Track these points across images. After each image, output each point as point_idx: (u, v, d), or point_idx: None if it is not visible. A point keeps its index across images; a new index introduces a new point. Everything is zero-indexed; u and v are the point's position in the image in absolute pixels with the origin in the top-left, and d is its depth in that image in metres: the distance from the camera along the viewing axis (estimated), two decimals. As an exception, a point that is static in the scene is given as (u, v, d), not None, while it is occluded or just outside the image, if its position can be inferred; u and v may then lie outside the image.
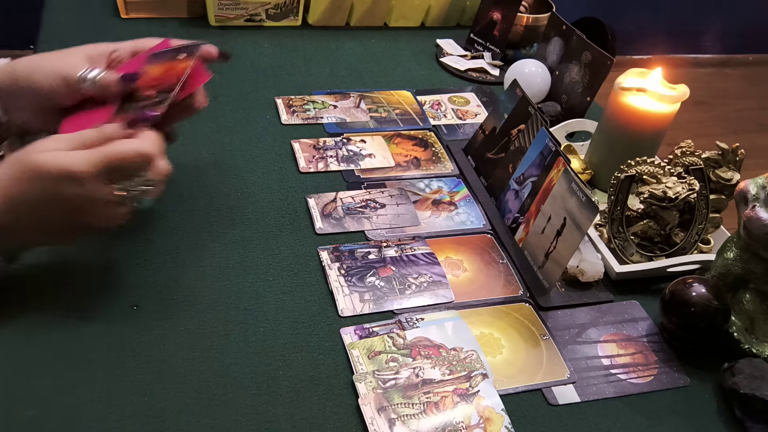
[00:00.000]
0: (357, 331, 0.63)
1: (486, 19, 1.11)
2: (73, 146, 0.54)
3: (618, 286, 0.73)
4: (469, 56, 1.13)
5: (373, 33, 1.17)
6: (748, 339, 0.66)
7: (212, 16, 1.08)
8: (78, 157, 0.53)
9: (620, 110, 0.82)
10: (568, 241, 0.66)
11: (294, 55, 1.07)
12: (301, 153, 0.85)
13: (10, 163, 0.54)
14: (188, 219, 0.73)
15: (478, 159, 0.86)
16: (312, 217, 0.76)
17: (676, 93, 0.80)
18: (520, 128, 0.80)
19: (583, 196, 0.65)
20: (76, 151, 0.54)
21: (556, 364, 0.63)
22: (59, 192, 0.53)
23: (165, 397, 0.55)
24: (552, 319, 0.68)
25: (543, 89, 1.00)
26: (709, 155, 0.77)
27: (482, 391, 0.59)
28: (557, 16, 1.02)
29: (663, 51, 3.05)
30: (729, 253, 0.67)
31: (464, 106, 1.01)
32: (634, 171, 0.75)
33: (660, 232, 0.75)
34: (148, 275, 0.65)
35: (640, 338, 0.68)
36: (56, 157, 0.53)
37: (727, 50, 3.23)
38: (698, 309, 0.62)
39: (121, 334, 0.59)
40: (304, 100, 0.95)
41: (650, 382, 0.64)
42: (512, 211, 0.77)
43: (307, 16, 1.15)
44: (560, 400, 0.61)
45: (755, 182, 0.64)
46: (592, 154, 0.88)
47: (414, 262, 0.71)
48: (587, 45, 0.93)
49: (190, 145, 0.83)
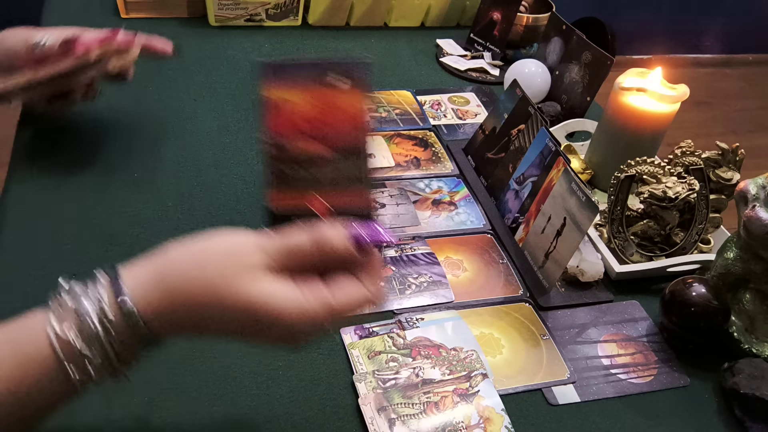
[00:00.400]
0: (357, 330, 0.63)
1: (486, 19, 1.11)
2: (281, 263, 0.43)
3: (618, 286, 0.73)
4: (469, 56, 1.13)
5: (373, 33, 1.17)
6: (748, 339, 0.66)
7: (212, 16, 1.08)
8: (305, 301, 0.42)
9: (620, 110, 0.82)
10: (568, 241, 0.66)
11: (294, 55, 1.07)
12: (301, 153, 0.85)
13: (189, 286, 0.41)
14: (188, 219, 0.73)
15: (478, 159, 0.86)
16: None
17: (676, 93, 0.80)
18: (520, 128, 0.80)
19: (583, 196, 0.65)
20: (290, 285, 0.42)
21: (556, 364, 0.63)
22: (267, 330, 0.42)
23: (165, 398, 0.55)
24: (552, 319, 0.68)
25: (543, 89, 1.00)
26: (709, 155, 0.77)
27: (482, 391, 0.59)
28: (557, 16, 1.02)
29: (663, 51, 3.05)
30: (729, 253, 0.67)
31: (464, 106, 1.01)
32: (634, 171, 0.75)
33: (660, 232, 0.75)
34: (148, 275, 0.65)
35: (640, 338, 0.68)
36: (275, 295, 0.41)
37: (727, 50, 3.23)
38: (698, 309, 0.62)
39: (121, 334, 0.59)
40: (304, 100, 0.95)
41: (650, 382, 0.64)
42: (512, 211, 0.77)
43: (307, 16, 1.15)
44: (560, 400, 0.61)
45: (755, 182, 0.64)
46: (592, 154, 0.88)
47: (414, 262, 0.71)
48: (587, 45, 0.93)
49: (190, 145, 0.84)
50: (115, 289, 0.41)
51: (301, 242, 0.43)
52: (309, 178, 0.45)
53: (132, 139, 0.83)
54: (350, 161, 0.45)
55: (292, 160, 0.45)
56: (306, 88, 0.44)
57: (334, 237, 0.43)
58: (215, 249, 0.43)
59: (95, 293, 0.41)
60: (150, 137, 0.84)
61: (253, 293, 0.41)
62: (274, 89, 0.45)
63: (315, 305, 0.41)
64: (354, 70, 0.45)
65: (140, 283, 0.42)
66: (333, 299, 0.42)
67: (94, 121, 0.85)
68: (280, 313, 0.41)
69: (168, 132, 0.85)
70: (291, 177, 0.46)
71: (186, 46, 1.04)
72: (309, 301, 0.41)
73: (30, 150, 0.78)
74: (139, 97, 0.91)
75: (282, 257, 0.42)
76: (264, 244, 0.43)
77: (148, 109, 0.89)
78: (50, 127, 0.81)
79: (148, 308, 0.41)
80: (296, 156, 0.45)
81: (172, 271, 0.42)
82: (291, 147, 0.45)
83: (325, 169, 0.45)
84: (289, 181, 0.46)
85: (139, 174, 0.78)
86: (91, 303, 0.41)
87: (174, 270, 0.42)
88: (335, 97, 0.45)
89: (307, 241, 0.43)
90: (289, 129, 0.45)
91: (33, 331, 0.40)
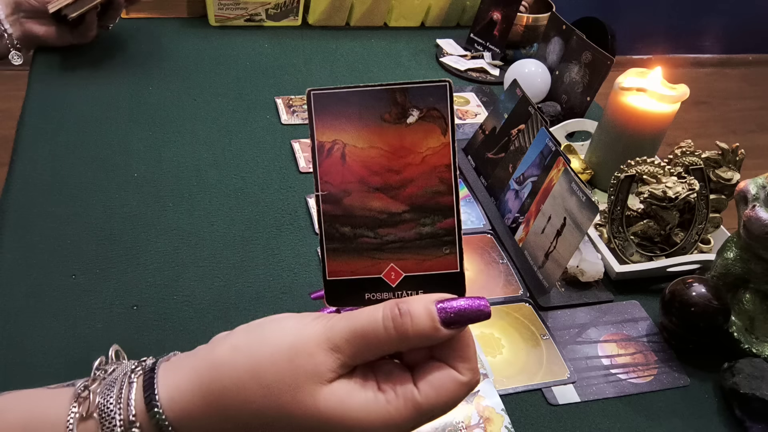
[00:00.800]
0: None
1: (486, 19, 1.11)
2: (353, 354, 0.35)
3: (618, 286, 0.73)
4: (469, 56, 1.13)
5: (373, 33, 1.17)
6: (748, 339, 0.66)
7: (212, 16, 1.08)
8: (386, 405, 0.35)
9: (620, 110, 0.82)
10: (568, 241, 0.66)
11: (294, 55, 1.07)
12: (301, 153, 0.85)
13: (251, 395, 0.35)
14: (188, 219, 0.73)
15: (478, 159, 0.86)
16: (312, 217, 0.76)
17: (676, 93, 0.80)
18: (520, 128, 0.80)
19: (583, 196, 0.65)
20: (366, 387, 0.36)
21: (556, 364, 0.63)
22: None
23: None
24: (552, 319, 0.68)
25: (543, 89, 1.00)
26: (709, 155, 0.77)
27: (482, 391, 0.59)
28: (557, 16, 1.02)
29: (663, 51, 3.06)
30: (729, 253, 0.67)
31: (464, 106, 1.01)
32: (634, 171, 0.75)
33: (660, 232, 0.75)
34: (148, 275, 0.65)
35: (640, 338, 0.68)
36: (348, 403, 0.35)
37: (727, 50, 3.23)
38: (698, 309, 0.62)
39: (121, 334, 0.59)
40: (304, 101, 0.95)
41: (650, 382, 0.64)
42: (512, 211, 0.77)
43: (307, 16, 1.15)
44: (560, 400, 0.61)
45: (755, 182, 0.64)
46: (592, 154, 0.88)
47: (414, 262, 0.71)
48: (587, 45, 0.93)
49: (190, 145, 0.84)
50: (148, 396, 0.36)
51: (374, 324, 0.35)
52: (376, 241, 0.36)
53: (132, 139, 0.83)
54: (429, 218, 0.36)
55: (353, 219, 0.36)
56: (367, 125, 0.35)
57: (415, 313, 0.35)
58: (273, 350, 0.35)
59: (126, 398, 0.36)
60: (150, 137, 0.84)
61: (321, 403, 0.34)
62: (327, 129, 0.35)
63: (400, 408, 0.35)
64: (428, 97, 0.35)
65: (176, 386, 0.36)
66: (421, 397, 0.35)
67: (94, 120, 0.85)
68: (355, 422, 0.34)
69: (168, 132, 0.85)
70: (352, 239, 0.36)
71: (186, 46, 1.04)
72: (391, 404, 0.35)
73: (30, 150, 0.78)
74: (139, 96, 0.91)
75: (353, 348, 0.35)
76: (331, 335, 0.35)
77: (147, 108, 0.89)
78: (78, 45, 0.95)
79: (184, 418, 0.36)
80: (358, 213, 0.36)
81: (222, 377, 0.35)
82: (351, 202, 0.36)
83: (396, 229, 0.36)
84: (350, 245, 0.36)
85: (139, 174, 0.78)
86: (119, 410, 0.36)
87: (223, 376, 0.35)
88: (406, 134, 0.35)
89: (382, 321, 0.35)
90: (348, 179, 0.36)
91: (52, 427, 0.36)
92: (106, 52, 0.98)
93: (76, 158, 0.78)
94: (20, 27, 0.91)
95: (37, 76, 0.92)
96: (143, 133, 0.84)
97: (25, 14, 0.91)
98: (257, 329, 0.37)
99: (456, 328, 0.35)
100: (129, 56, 0.99)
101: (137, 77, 0.95)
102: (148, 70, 0.97)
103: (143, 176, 0.78)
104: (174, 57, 1.01)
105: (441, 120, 0.35)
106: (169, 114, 0.89)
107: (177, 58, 1.01)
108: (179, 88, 0.94)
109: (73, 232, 0.69)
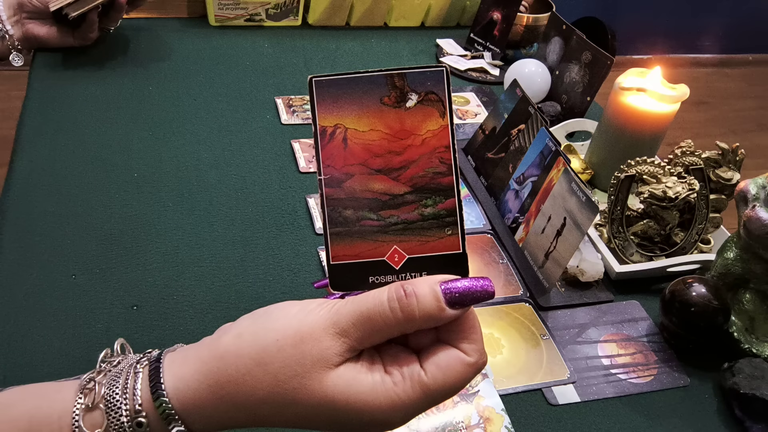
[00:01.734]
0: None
1: (486, 19, 1.11)
2: (360, 338, 0.35)
3: (618, 286, 0.73)
4: (469, 56, 1.13)
5: (373, 33, 1.17)
6: (748, 339, 0.66)
7: (212, 16, 1.08)
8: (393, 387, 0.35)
9: (620, 110, 0.82)
10: (568, 241, 0.66)
11: (294, 55, 1.07)
12: (301, 153, 0.85)
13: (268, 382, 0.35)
14: (188, 219, 0.73)
15: (478, 159, 0.86)
16: (312, 217, 0.76)
17: (676, 93, 0.80)
18: (520, 128, 0.80)
19: (583, 196, 0.65)
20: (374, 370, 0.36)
21: (556, 364, 0.63)
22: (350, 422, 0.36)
23: None
24: (552, 319, 0.68)
25: (543, 89, 1.00)
26: (709, 155, 0.77)
27: (482, 391, 0.59)
28: (557, 16, 1.02)
29: (663, 51, 3.06)
30: (729, 253, 0.67)
31: (464, 106, 1.01)
32: (634, 171, 0.75)
33: (660, 232, 0.75)
34: (148, 275, 0.65)
35: (640, 338, 0.68)
36: (356, 388, 0.35)
37: (727, 50, 3.23)
38: (698, 309, 0.62)
39: (121, 334, 0.59)
40: (304, 100, 0.95)
41: (650, 382, 0.64)
42: (512, 211, 0.77)
43: (307, 16, 1.15)
44: (560, 400, 0.61)
45: (755, 182, 0.64)
46: (592, 154, 0.88)
47: (414, 262, 0.71)
48: (587, 45, 0.93)
49: (190, 145, 0.84)
50: (154, 386, 0.36)
51: (380, 306, 0.34)
52: (379, 224, 0.37)
53: (132, 139, 0.83)
54: (431, 198, 0.37)
55: (356, 201, 0.37)
56: (368, 109, 0.36)
57: (421, 294, 0.35)
58: (278, 336, 0.35)
59: (132, 387, 0.36)
60: (150, 137, 0.84)
61: (328, 388, 0.34)
62: (329, 114, 0.36)
63: (407, 390, 0.35)
64: (426, 81, 0.36)
65: (182, 376, 0.36)
66: (428, 379, 0.35)
67: (94, 120, 0.85)
68: (363, 405, 0.34)
69: (168, 132, 0.85)
70: (355, 222, 0.37)
71: (186, 46, 1.04)
72: (399, 386, 0.35)
73: (30, 150, 0.78)
74: (139, 96, 0.91)
75: (360, 331, 0.35)
76: (337, 319, 0.35)
77: (148, 108, 0.89)
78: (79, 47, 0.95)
79: (190, 408, 0.36)
80: (360, 196, 0.36)
81: (228, 366, 0.35)
82: (353, 185, 0.37)
83: (399, 211, 0.37)
84: (353, 229, 0.37)
85: (139, 174, 0.78)
86: (125, 400, 0.36)
87: (229, 365, 0.35)
88: (406, 118, 0.36)
89: (388, 303, 0.34)
90: (350, 162, 0.36)
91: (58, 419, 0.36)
92: (106, 52, 0.98)
93: (76, 158, 0.78)
94: (21, 28, 0.91)
95: (37, 77, 0.92)
96: (143, 133, 0.84)
97: (28, 15, 0.91)
98: (262, 317, 0.37)
99: (461, 308, 0.35)
100: (129, 56, 0.99)
101: (137, 77, 0.95)
102: (148, 70, 0.97)
103: (143, 176, 0.78)
104: (174, 57, 1.01)
105: (439, 103, 0.36)
106: (169, 114, 0.89)
107: (177, 58, 1.01)
108: (179, 88, 0.94)
109: (73, 232, 0.69)
